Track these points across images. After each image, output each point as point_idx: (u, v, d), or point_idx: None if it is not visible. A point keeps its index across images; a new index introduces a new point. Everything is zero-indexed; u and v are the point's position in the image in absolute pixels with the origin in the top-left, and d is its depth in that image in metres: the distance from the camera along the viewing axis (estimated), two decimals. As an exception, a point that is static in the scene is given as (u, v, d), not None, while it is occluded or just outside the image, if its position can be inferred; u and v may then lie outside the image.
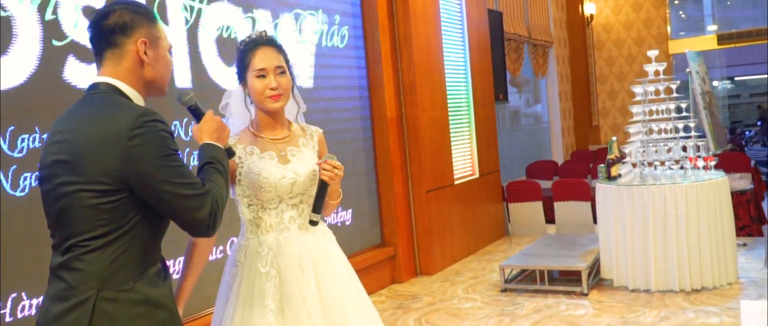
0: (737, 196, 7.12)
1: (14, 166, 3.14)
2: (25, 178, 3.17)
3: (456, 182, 6.64)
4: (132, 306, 1.61)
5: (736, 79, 24.00)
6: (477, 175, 7.11)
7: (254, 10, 4.59)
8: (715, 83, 20.95)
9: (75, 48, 3.42)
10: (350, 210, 5.52)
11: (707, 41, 12.68)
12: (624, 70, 12.76)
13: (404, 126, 6.05)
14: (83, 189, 1.59)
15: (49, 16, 3.30)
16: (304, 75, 5.10)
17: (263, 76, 2.21)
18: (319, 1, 5.29)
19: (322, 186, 2.19)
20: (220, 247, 4.17)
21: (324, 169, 2.20)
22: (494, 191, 7.47)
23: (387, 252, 5.81)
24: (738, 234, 6.75)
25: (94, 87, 1.71)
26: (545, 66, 11.32)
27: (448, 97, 6.56)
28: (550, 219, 7.61)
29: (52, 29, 3.33)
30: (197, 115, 1.93)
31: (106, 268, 1.59)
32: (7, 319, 3.08)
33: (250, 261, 2.21)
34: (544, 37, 11.01)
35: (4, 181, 3.10)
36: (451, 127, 6.58)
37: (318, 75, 5.23)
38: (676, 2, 14.84)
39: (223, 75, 4.26)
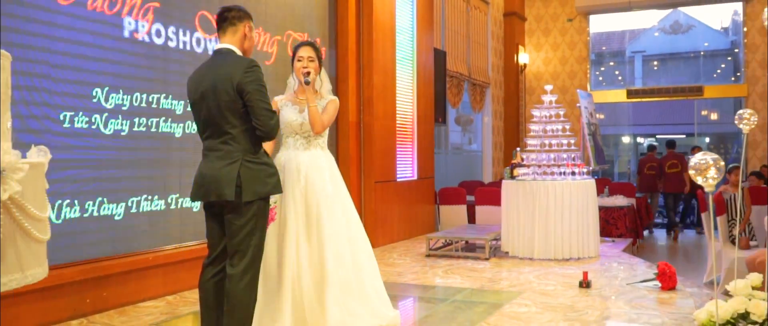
0: (617, 210, 9.12)
1: (106, 114, 4.72)
2: (111, 123, 4.74)
3: (398, 179, 8.38)
4: (259, 165, 3.19)
5: (658, 136, 26.60)
6: (416, 178, 8.87)
7: (263, 33, 6.27)
8: (641, 139, 23.41)
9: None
10: (315, 188, 7.17)
11: (619, 94, 14.90)
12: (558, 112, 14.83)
13: (361, 129, 7.78)
14: (224, 101, 3.07)
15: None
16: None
17: (300, 61, 3.90)
18: (306, 26, 7.02)
19: (307, 74, 3.79)
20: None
21: (300, 69, 3.83)
22: (429, 193, 9.24)
23: (341, 225, 7.45)
24: (613, 236, 8.70)
25: (220, 50, 3.28)
26: (482, 103, 13.26)
27: (397, 111, 8.35)
28: (472, 221, 9.40)
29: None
30: None
31: (246, 145, 3.15)
32: (121, 216, 4.62)
33: (279, 164, 3.90)
34: (482, 78, 12.98)
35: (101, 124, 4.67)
36: (397, 135, 8.35)
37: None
38: (604, 65, 17.14)
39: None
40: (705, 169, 2.14)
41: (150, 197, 5.07)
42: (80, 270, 4.39)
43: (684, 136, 20.02)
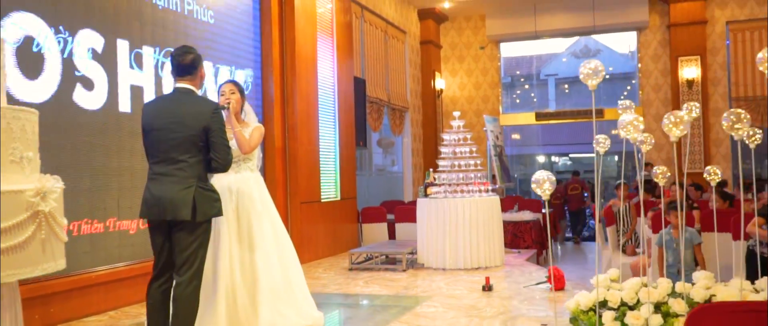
0: (524, 225, 9.99)
1: (48, 144, 5.12)
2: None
3: (322, 200, 8.97)
4: (208, 191, 3.74)
5: (571, 155, 28.14)
6: (339, 198, 9.49)
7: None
8: (556, 159, 24.83)
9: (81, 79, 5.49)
10: (245, 209, 7.67)
11: (529, 117, 16.01)
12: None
13: (287, 153, 8.36)
14: (187, 135, 3.65)
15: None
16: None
17: (223, 95, 4.47)
18: (232, 58, 7.57)
19: (227, 105, 4.33)
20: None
21: (222, 101, 4.40)
22: (351, 212, 9.87)
23: (269, 244, 7.97)
24: (520, 247, 9.54)
25: (179, 88, 3.82)
26: (402, 126, 14.05)
27: (320, 137, 8.97)
28: (393, 237, 10.08)
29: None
30: None
31: (198, 171, 3.69)
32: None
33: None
34: (401, 103, 13.77)
35: None
36: (320, 159, 8.96)
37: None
38: (519, 87, 18.33)
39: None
40: (542, 182, 2.85)
41: (90, 221, 5.48)
42: (28, 289, 4.77)
43: (594, 155, 21.45)
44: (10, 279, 1.64)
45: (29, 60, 5.02)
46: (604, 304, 4.19)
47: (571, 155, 28.20)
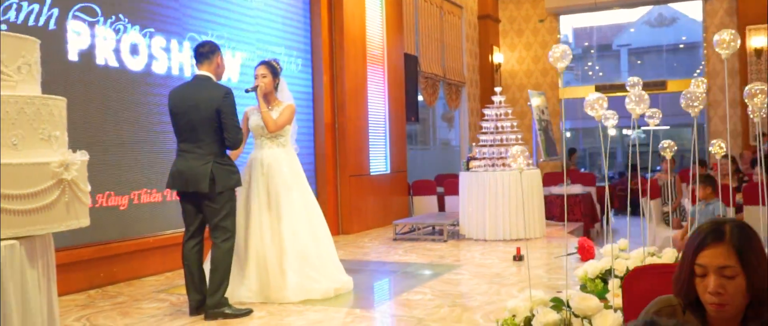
0: (572, 198, 10.11)
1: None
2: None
3: (372, 173, 9.37)
4: (225, 165, 4.22)
5: (643, 128, 27.47)
6: (389, 171, 9.86)
7: (237, 51, 7.24)
8: (628, 131, 24.37)
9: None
10: (295, 182, 8.15)
11: (588, 91, 15.85)
12: (524, 109, 15.81)
13: (336, 129, 8.77)
14: (204, 117, 4.13)
15: (133, 41, 5.91)
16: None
17: (256, 77, 4.88)
18: (282, 41, 8.00)
19: (254, 87, 4.79)
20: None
21: (257, 82, 4.82)
22: (401, 185, 10.24)
23: (319, 214, 8.45)
24: (569, 221, 9.68)
25: (198, 76, 4.31)
26: (458, 101, 14.23)
27: (369, 112, 9.34)
28: (442, 210, 10.40)
29: (134, 48, 5.93)
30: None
31: (215, 149, 4.17)
32: None
33: (249, 160, 4.89)
34: (457, 78, 13.95)
35: None
36: (369, 133, 9.34)
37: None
38: (590, 59, 18.14)
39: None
40: (517, 156, 3.11)
41: (149, 191, 6.06)
42: (94, 250, 5.39)
43: (668, 127, 20.94)
44: (41, 233, 2.09)
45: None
46: (610, 272, 4.41)
47: (643, 128, 27.43)
